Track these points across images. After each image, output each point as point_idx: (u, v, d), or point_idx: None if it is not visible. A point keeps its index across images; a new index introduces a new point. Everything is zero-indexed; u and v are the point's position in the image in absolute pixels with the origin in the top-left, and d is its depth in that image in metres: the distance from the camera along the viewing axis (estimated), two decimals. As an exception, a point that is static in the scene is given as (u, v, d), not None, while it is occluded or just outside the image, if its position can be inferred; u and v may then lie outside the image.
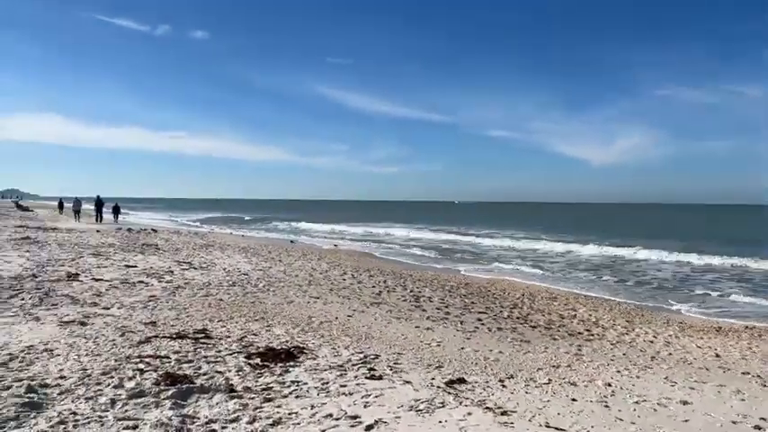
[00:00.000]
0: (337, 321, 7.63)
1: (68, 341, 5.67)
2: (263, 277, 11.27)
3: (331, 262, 15.38)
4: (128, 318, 6.93)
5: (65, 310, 7.05)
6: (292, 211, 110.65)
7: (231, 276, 11.11)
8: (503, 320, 8.60)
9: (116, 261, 11.91)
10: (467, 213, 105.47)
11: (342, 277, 12.11)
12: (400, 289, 10.93)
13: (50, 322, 6.42)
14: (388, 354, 6.06)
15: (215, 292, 9.24)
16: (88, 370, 4.76)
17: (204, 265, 12.50)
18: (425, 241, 31.60)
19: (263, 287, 10.05)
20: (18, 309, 6.94)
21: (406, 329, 7.44)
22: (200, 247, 16.99)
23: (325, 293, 9.85)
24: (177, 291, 9.07)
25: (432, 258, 21.10)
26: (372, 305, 9.04)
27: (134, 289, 8.97)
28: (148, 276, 10.24)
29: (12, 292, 7.86)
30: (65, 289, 8.47)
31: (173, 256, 13.75)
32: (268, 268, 12.85)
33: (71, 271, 10.05)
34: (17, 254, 12.01)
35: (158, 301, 8.16)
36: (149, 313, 7.29)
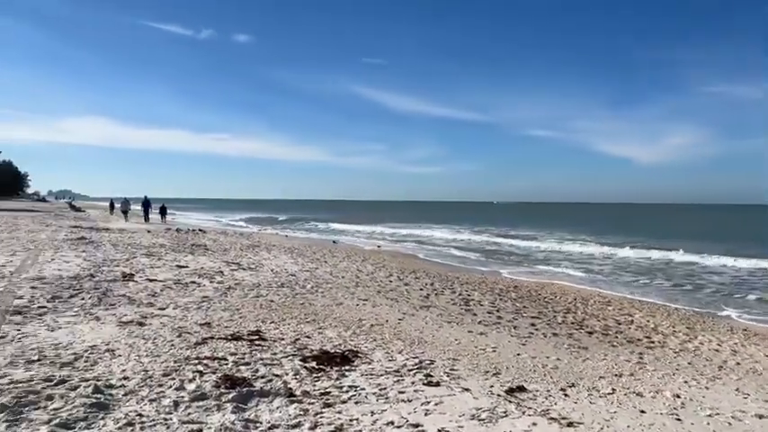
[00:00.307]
0: (388, 325, 7.56)
1: (128, 341, 5.76)
2: (310, 278, 11.31)
3: (376, 263, 15.35)
4: (183, 318, 7.03)
5: (123, 311, 7.20)
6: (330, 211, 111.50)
7: (279, 277, 11.19)
8: (557, 326, 8.37)
9: (168, 261, 12.16)
10: (506, 214, 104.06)
11: (388, 279, 12.05)
12: (449, 292, 10.79)
13: (110, 322, 6.56)
14: (443, 359, 5.95)
15: (265, 293, 9.30)
16: (149, 371, 4.82)
17: (252, 265, 12.64)
18: (467, 243, 31.29)
19: (311, 288, 10.07)
20: (79, 308, 7.12)
21: (458, 334, 7.31)
22: (246, 248, 17.23)
23: (373, 295, 9.80)
24: (229, 291, 9.17)
25: (475, 260, 20.84)
26: (422, 308, 8.93)
27: (187, 289, 9.11)
28: (200, 277, 10.40)
29: (72, 292, 8.09)
30: (121, 289, 8.66)
31: (221, 257, 13.96)
32: (314, 269, 12.89)
33: (126, 271, 10.29)
34: (74, 254, 12.41)
35: (211, 301, 8.26)
36: (203, 314, 7.38)
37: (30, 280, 8.80)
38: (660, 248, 25.41)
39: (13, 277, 8.94)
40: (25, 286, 8.28)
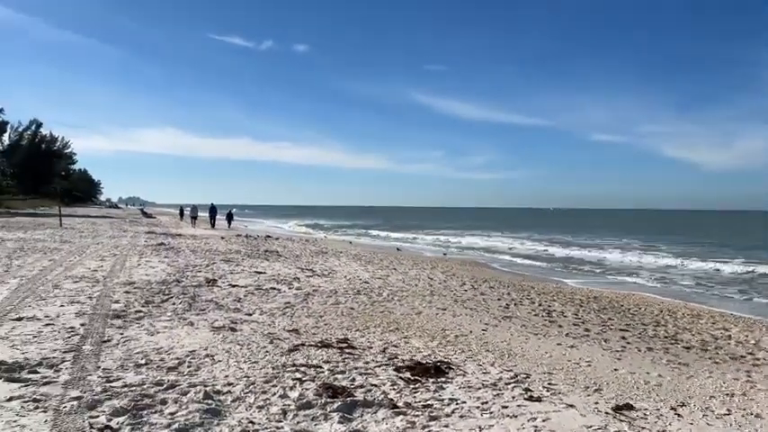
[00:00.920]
0: (473, 335, 7.42)
1: (224, 347, 5.89)
2: (384, 286, 11.30)
3: (445, 271, 15.20)
4: (271, 324, 7.13)
5: (213, 316, 7.38)
6: (389, 217, 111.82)
7: (353, 284, 11.23)
8: (649, 339, 7.98)
9: (245, 267, 12.45)
10: (564, 221, 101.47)
11: (462, 288, 11.88)
12: (527, 302, 10.52)
13: (203, 327, 6.73)
14: (538, 373, 5.76)
15: (343, 300, 9.35)
16: (251, 377, 4.89)
17: (326, 272, 12.76)
18: (530, 251, 30.60)
19: (387, 296, 10.05)
20: (172, 313, 7.35)
21: (547, 346, 7.09)
22: (316, 254, 17.46)
23: (450, 305, 9.67)
24: (308, 298, 9.27)
25: (542, 269, 20.33)
26: (504, 319, 8.74)
27: (269, 295, 9.27)
28: (278, 283, 10.57)
29: (162, 297, 8.38)
30: (207, 294, 8.91)
31: (294, 263, 14.18)
32: (386, 277, 12.89)
33: (209, 277, 10.60)
34: (158, 259, 12.91)
35: (294, 308, 8.36)
36: (289, 320, 7.47)
37: (122, 285, 9.18)
38: (743, 259, 24.03)
39: (107, 282, 9.36)
40: (119, 291, 8.64)
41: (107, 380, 4.56)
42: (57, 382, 4.43)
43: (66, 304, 7.40)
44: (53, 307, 7.19)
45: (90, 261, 12.01)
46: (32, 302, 7.40)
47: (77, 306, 7.32)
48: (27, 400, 4.02)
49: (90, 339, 5.78)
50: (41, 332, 5.95)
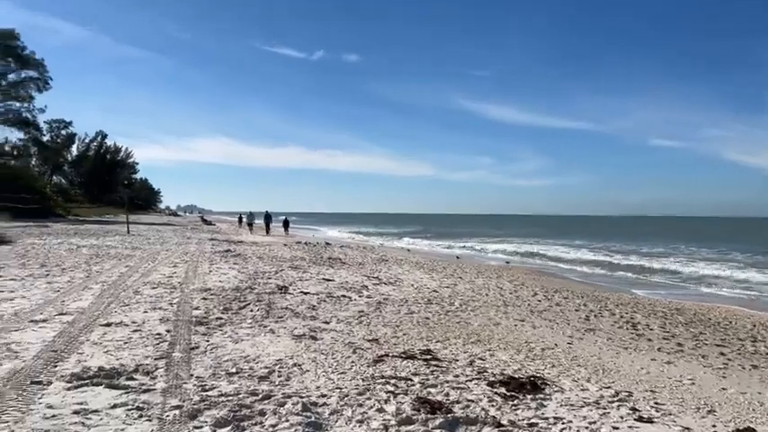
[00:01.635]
0: (558, 349, 7.09)
1: (309, 356, 5.80)
2: (453, 295, 11.05)
3: (513, 280, 14.80)
4: (350, 333, 7.02)
5: (291, 323, 7.33)
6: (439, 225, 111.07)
7: (422, 293, 11.03)
8: (750, 356, 7.43)
9: (313, 275, 12.45)
10: (622, 228, 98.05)
11: (535, 298, 11.49)
12: (607, 314, 10.05)
13: (284, 335, 6.68)
14: (640, 391, 5.40)
15: (416, 309, 9.16)
16: (343, 389, 4.76)
17: (392, 280, 12.62)
18: (594, 259, 29.59)
19: (459, 306, 9.80)
20: (251, 320, 7.35)
21: (641, 362, 6.68)
22: (377, 262, 17.37)
23: (527, 316, 9.33)
24: (380, 306, 9.13)
25: (613, 278, 19.55)
26: (587, 332, 8.34)
27: (341, 303, 9.19)
28: (348, 291, 10.49)
29: (239, 304, 8.41)
30: (281, 301, 8.90)
31: (359, 271, 14.12)
32: (454, 286, 12.63)
33: (279, 283, 10.63)
34: (227, 266, 13.09)
35: (368, 316, 8.24)
36: (367, 329, 7.34)
37: (198, 291, 9.30)
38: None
39: (183, 288, 9.50)
40: (197, 297, 8.74)
41: (202, 388, 4.53)
42: (155, 390, 4.43)
43: (149, 310, 7.51)
44: (137, 313, 7.31)
45: (163, 267, 12.28)
46: (117, 308, 7.55)
47: (160, 312, 7.42)
48: (131, 408, 4.02)
49: (178, 346, 5.81)
50: (131, 338, 6.02)
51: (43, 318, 6.71)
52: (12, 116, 53.88)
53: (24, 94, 53.88)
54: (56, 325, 6.41)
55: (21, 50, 52.45)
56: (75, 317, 6.86)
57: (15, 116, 53.87)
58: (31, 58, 53.23)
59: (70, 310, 7.23)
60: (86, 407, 4.01)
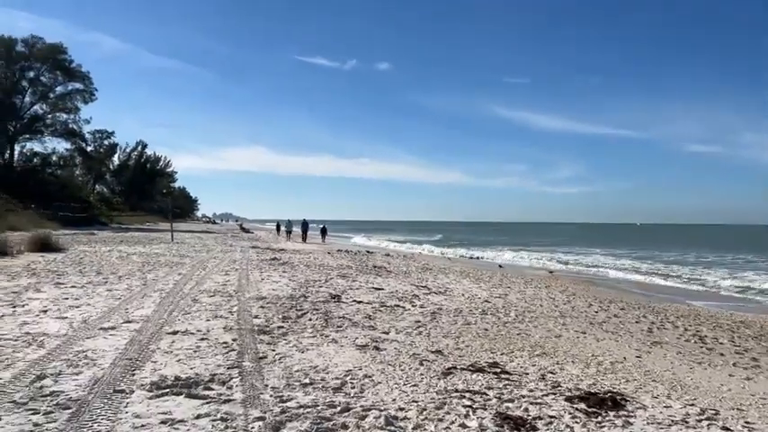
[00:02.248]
0: (629, 363, 6.85)
1: (377, 367, 5.73)
2: (507, 306, 10.86)
3: (564, 291, 14.50)
4: (412, 344, 6.93)
5: (351, 333, 7.28)
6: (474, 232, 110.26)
7: (475, 303, 10.88)
8: (833, 374, 7.06)
9: (362, 283, 12.42)
10: (660, 235, 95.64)
11: (591, 309, 11.21)
12: (670, 326, 9.72)
13: (347, 345, 6.63)
14: (725, 409, 5.15)
15: (472, 320, 9.02)
16: (419, 402, 4.67)
17: (441, 290, 12.49)
18: (638, 267, 28.85)
19: (516, 317, 9.61)
20: (312, 329, 7.33)
21: (719, 378, 6.41)
22: (422, 270, 17.26)
23: (587, 328, 9.09)
24: (436, 317, 9.02)
25: (663, 288, 18.98)
26: (653, 345, 8.06)
27: (395, 313, 9.11)
28: (400, 300, 10.41)
29: (297, 312, 8.41)
30: (337, 310, 8.87)
31: (406, 279, 14.04)
32: (504, 295, 12.43)
33: (332, 292, 10.61)
34: (277, 274, 13.16)
35: (426, 327, 8.13)
36: (428, 340, 7.24)
37: (254, 299, 9.35)
38: None
39: (239, 296, 9.56)
40: (254, 305, 8.78)
41: (280, 399, 4.50)
42: (234, 401, 4.42)
43: (211, 318, 7.57)
44: (200, 321, 7.37)
45: (216, 275, 12.42)
46: (180, 316, 7.63)
47: (222, 321, 7.46)
48: (215, 418, 4.01)
49: (247, 355, 5.81)
50: (199, 347, 6.05)
51: (111, 325, 6.81)
52: (59, 127, 55.82)
53: (71, 106, 55.81)
54: (124, 333, 6.50)
55: (68, 64, 54.36)
56: (142, 325, 6.95)
57: (63, 127, 55.79)
58: (77, 71, 55.11)
59: (135, 318, 7.34)
60: (172, 416, 4.01)
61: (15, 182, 48.40)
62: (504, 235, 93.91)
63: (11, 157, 53.11)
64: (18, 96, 53.32)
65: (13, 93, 52.60)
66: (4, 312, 7.39)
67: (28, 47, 52.88)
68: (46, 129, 54.97)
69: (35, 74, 53.82)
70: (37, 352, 5.50)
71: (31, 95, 54.20)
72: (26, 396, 4.24)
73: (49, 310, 7.70)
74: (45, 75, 54.21)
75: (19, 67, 52.81)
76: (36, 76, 53.89)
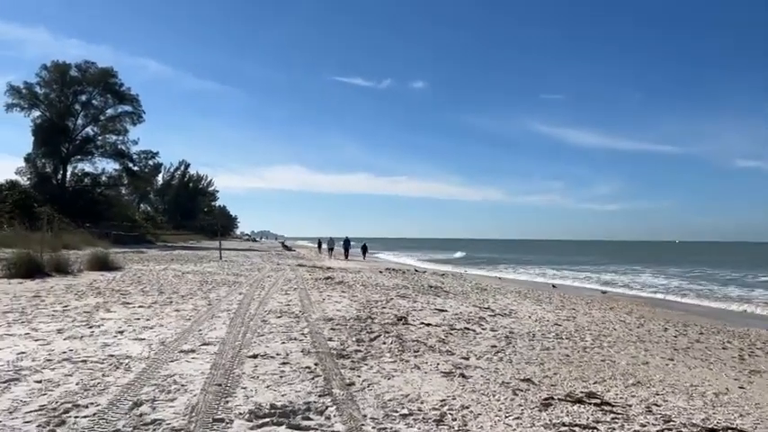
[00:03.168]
0: (732, 394, 6.39)
1: (470, 396, 5.44)
2: (579, 329, 10.41)
3: (630, 312, 13.92)
4: (496, 371, 6.61)
5: (430, 358, 7.01)
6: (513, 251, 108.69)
7: (545, 326, 10.47)
8: None
9: (423, 304, 12.14)
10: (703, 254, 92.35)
11: (668, 333, 10.67)
12: (761, 353, 9.14)
13: (431, 371, 6.36)
14: None
15: (549, 345, 8.63)
16: (530, 438, 4.38)
17: (505, 312, 12.10)
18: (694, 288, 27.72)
19: (593, 342, 9.18)
20: (390, 354, 7.08)
21: (841, 413, 5.88)
22: (478, 291, 16.88)
23: (673, 354, 8.60)
24: (510, 341, 8.66)
25: (729, 312, 18.09)
26: (752, 374, 7.54)
27: (468, 336, 8.80)
28: (467, 323, 10.09)
29: (369, 335, 8.19)
30: (408, 333, 8.61)
31: (465, 300, 13.69)
32: (572, 318, 11.97)
33: (396, 313, 10.37)
34: (337, 294, 13.00)
35: (504, 352, 7.80)
36: (512, 367, 6.91)
37: (323, 321, 9.18)
38: None
39: (307, 317, 9.41)
40: (324, 327, 8.61)
41: (384, 431, 4.27)
42: (338, 432, 4.21)
43: (286, 341, 7.41)
44: (275, 344, 7.22)
45: (276, 295, 12.34)
46: (254, 338, 7.50)
47: (297, 343, 7.29)
48: (326, 453, 3.80)
49: (334, 382, 5.60)
50: (284, 371, 5.88)
51: (190, 348, 6.72)
52: (109, 148, 57.66)
53: (120, 128, 57.68)
54: (205, 355, 6.39)
55: (119, 87, 56.33)
56: (219, 347, 6.83)
57: (112, 148, 57.61)
58: (127, 94, 57.03)
59: (211, 340, 7.24)
60: (280, 450, 3.82)
61: (67, 201, 50.11)
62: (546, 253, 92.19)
63: (63, 178, 55.07)
64: (71, 119, 55.45)
65: (67, 116, 54.74)
66: (82, 333, 7.40)
67: (81, 71, 55.09)
68: (96, 150, 56.90)
69: (87, 97, 55.99)
70: (126, 376, 5.42)
71: (83, 118, 56.36)
72: (129, 425, 4.11)
73: (125, 330, 7.68)
74: (97, 98, 56.34)
75: (72, 91, 55.00)
76: (88, 99, 56.04)
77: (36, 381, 5.10)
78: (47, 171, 53.92)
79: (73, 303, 10.07)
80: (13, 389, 4.84)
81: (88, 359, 6.00)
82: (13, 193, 44.95)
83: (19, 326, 7.76)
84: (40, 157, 53.38)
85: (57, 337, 7.07)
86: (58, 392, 4.78)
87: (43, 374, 5.32)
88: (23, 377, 5.18)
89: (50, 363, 5.78)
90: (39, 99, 53.18)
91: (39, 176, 52.92)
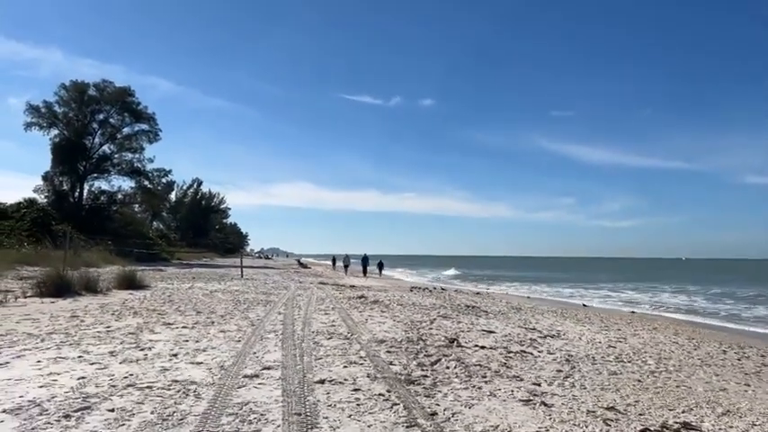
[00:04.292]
0: (833, 424, 5.98)
1: (563, 428, 5.10)
2: (636, 352, 10.02)
3: (677, 334, 13.47)
4: (575, 398, 6.25)
5: (502, 385, 6.66)
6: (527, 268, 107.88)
7: (600, 348, 10.08)
8: None
9: (468, 325, 11.76)
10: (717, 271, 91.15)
11: (729, 356, 10.24)
12: (837, 378, 8.70)
13: (508, 399, 6.01)
14: None
15: (614, 369, 8.25)
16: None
17: (553, 333, 11.70)
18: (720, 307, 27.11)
19: (656, 365, 8.79)
20: (459, 379, 6.74)
21: None
22: (515, 310, 16.47)
23: (744, 378, 8.21)
24: (573, 365, 8.28)
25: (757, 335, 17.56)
26: (841, 401, 7.12)
27: (526, 360, 8.43)
28: (521, 345, 9.72)
29: (429, 359, 7.84)
30: (466, 356, 8.26)
31: (507, 321, 13.30)
32: (623, 339, 11.56)
33: (446, 335, 10.02)
34: (378, 314, 12.62)
35: (572, 377, 7.42)
36: (588, 394, 6.54)
37: (374, 343, 8.84)
38: None
39: (357, 339, 9.08)
40: (379, 349, 8.27)
41: (495, 469, 3.94)
42: (447, 470, 3.88)
43: (347, 365, 7.09)
44: (337, 368, 6.90)
45: (316, 315, 12.02)
46: (313, 362, 7.19)
47: (359, 368, 6.97)
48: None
49: (415, 411, 5.28)
50: (359, 399, 5.56)
51: (253, 373, 6.41)
52: (125, 166, 57.88)
53: (137, 146, 57.90)
54: (271, 381, 6.08)
55: (135, 106, 56.72)
56: (282, 372, 6.52)
57: (128, 166, 57.81)
58: (144, 113, 57.37)
59: (270, 364, 6.93)
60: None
61: (83, 219, 50.19)
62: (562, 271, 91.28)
63: (80, 196, 55.26)
64: (88, 137, 55.78)
65: (84, 134, 55.08)
66: (136, 356, 7.11)
67: (99, 90, 55.51)
68: (113, 168, 57.09)
69: (105, 116, 56.31)
70: (198, 403, 5.12)
71: (100, 136, 56.63)
72: (224, 460, 3.82)
73: (178, 353, 7.39)
74: (114, 116, 56.65)
75: (90, 110, 55.41)
76: (105, 118, 56.38)
77: (108, 409, 4.81)
78: (64, 189, 54.11)
79: (114, 324, 9.81)
80: (87, 418, 4.56)
81: (153, 385, 5.71)
82: (31, 210, 45.05)
83: (69, 348, 7.49)
84: (57, 175, 53.60)
85: (112, 361, 6.79)
86: (135, 422, 4.49)
87: (113, 402, 5.03)
88: (94, 405, 4.90)
89: (115, 389, 5.50)
90: (57, 118, 53.59)
91: (56, 194, 53.09)
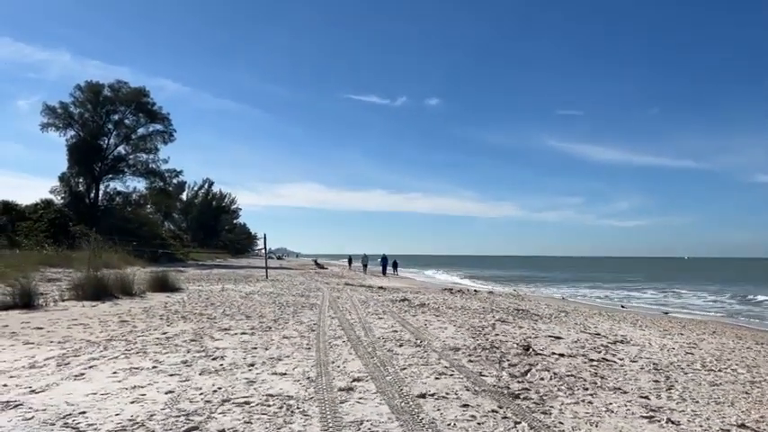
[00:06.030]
0: None
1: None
2: (719, 359, 9.55)
3: (739, 338, 12.94)
4: (697, 414, 5.77)
5: (610, 399, 6.17)
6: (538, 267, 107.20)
7: (678, 355, 9.60)
8: None
9: (531, 330, 11.26)
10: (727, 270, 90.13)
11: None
12: None
13: (629, 416, 5.53)
14: None
15: (710, 379, 7.77)
16: None
17: (618, 338, 11.18)
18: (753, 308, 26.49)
19: (750, 375, 8.30)
20: (560, 391, 6.26)
21: None
22: (564, 313, 15.95)
23: None
24: (665, 374, 7.77)
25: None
26: None
27: (614, 369, 7.92)
28: (597, 352, 9.22)
29: (515, 369, 7.36)
30: (553, 366, 7.76)
31: (564, 325, 12.80)
32: (694, 345, 11.07)
33: (517, 342, 9.53)
34: (435, 319, 12.16)
35: (674, 388, 6.93)
36: (705, 408, 6.06)
37: (449, 350, 8.35)
38: None
39: (431, 347, 8.59)
40: (460, 359, 7.79)
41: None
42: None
43: (438, 376, 6.58)
44: (429, 380, 6.41)
45: (371, 319, 11.55)
46: (400, 372, 6.71)
47: (451, 379, 6.48)
48: None
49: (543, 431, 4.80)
50: (474, 416, 5.08)
51: (346, 385, 5.94)
52: (140, 167, 57.66)
53: (151, 146, 57.64)
54: (369, 395, 5.62)
55: (150, 106, 56.49)
56: (376, 384, 6.05)
57: (143, 167, 57.59)
58: (158, 113, 57.15)
59: (356, 374, 6.46)
60: None
61: (99, 220, 49.96)
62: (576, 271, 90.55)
63: (96, 196, 55.07)
64: (104, 138, 55.59)
65: (100, 135, 54.89)
66: (213, 366, 6.66)
67: (114, 91, 55.31)
68: (128, 168, 56.87)
69: (120, 117, 56.08)
70: (310, 422, 4.65)
71: (115, 137, 56.38)
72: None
73: (255, 363, 6.93)
74: (129, 117, 56.41)
75: (105, 111, 55.21)
76: (120, 118, 56.14)
77: (219, 430, 4.36)
78: (80, 190, 53.99)
79: (169, 330, 9.38)
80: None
81: (248, 401, 5.25)
82: (48, 211, 44.88)
83: (138, 357, 7.06)
84: (74, 176, 53.45)
85: (189, 372, 6.35)
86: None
87: (219, 421, 4.58)
88: (201, 425, 4.45)
89: (212, 405, 5.05)
90: (73, 118, 53.44)
91: (72, 195, 52.95)
